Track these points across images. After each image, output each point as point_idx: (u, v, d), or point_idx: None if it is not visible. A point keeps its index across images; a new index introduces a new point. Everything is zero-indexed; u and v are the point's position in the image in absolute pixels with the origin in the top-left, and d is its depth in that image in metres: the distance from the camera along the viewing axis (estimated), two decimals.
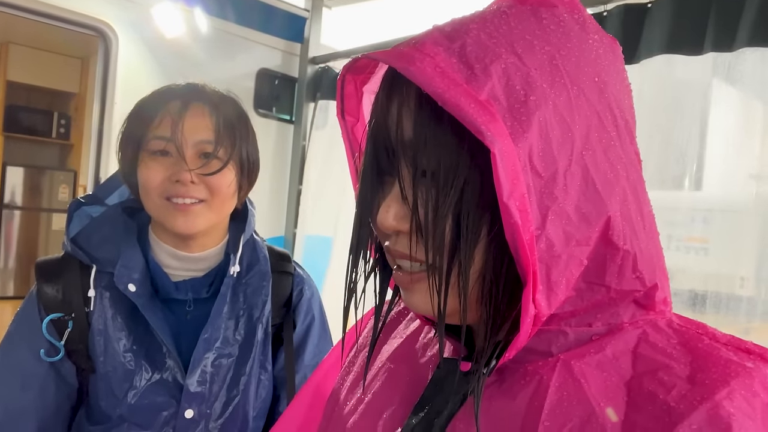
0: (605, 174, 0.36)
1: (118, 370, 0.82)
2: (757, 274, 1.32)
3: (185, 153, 0.80)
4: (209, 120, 0.83)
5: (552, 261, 0.35)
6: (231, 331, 0.87)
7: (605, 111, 0.37)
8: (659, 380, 0.34)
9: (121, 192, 0.92)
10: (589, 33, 0.38)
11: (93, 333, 0.83)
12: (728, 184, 1.40)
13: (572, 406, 0.35)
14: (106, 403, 0.82)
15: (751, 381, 0.32)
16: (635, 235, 0.37)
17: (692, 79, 1.39)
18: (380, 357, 0.51)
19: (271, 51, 2.49)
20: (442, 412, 0.41)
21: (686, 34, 1.35)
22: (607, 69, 0.38)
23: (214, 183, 0.82)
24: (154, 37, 2.13)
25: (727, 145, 1.38)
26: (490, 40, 0.36)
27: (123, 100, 2.10)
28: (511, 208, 0.32)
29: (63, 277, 0.84)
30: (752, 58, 1.27)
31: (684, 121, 1.40)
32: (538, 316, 0.35)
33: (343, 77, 0.43)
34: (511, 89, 0.34)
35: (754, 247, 1.33)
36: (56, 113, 4.40)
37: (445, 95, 0.32)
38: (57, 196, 4.40)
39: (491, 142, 0.31)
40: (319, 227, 2.44)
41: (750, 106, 1.36)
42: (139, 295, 0.82)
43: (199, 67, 2.20)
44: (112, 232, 0.86)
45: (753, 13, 1.25)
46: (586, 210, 0.35)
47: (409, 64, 0.34)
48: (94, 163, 2.15)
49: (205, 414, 0.84)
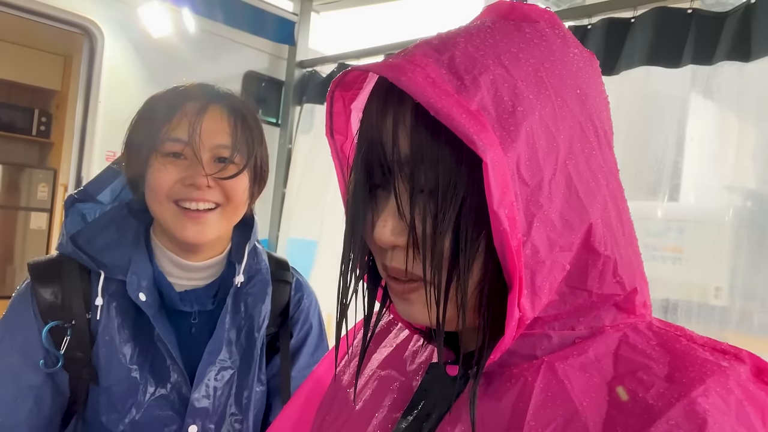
0: (587, 182, 0.37)
1: (122, 383, 0.78)
2: (730, 285, 1.35)
3: (202, 157, 0.77)
4: (227, 124, 0.80)
5: (537, 266, 0.36)
6: (233, 342, 0.84)
7: (587, 122, 0.38)
8: (639, 380, 0.35)
9: (113, 188, 0.87)
10: (570, 47, 0.40)
11: (98, 344, 0.78)
12: (704, 195, 1.43)
13: (556, 406, 0.36)
14: (107, 417, 0.77)
15: (726, 379, 0.33)
16: (615, 241, 0.38)
17: (670, 90, 1.43)
18: (370, 365, 0.52)
19: (258, 54, 2.49)
20: (431, 416, 0.42)
21: (667, 47, 1.40)
22: (588, 82, 0.39)
23: (230, 188, 0.79)
24: (140, 36, 2.12)
25: (703, 157, 1.42)
26: (477, 52, 0.37)
27: (107, 99, 2.08)
28: (501, 215, 0.33)
29: (61, 281, 0.79)
30: (729, 71, 1.31)
31: (662, 133, 1.43)
32: (522, 320, 0.36)
33: (332, 93, 0.44)
34: (499, 100, 0.35)
35: (728, 257, 1.36)
36: (37, 111, 4.33)
37: (437, 105, 0.33)
38: (36, 195, 4.33)
39: (483, 152, 0.32)
40: (303, 230, 2.44)
41: (726, 118, 1.40)
42: (149, 305, 0.79)
43: (185, 68, 2.19)
44: (120, 236, 0.82)
45: (732, 28, 1.30)
46: (569, 217, 0.36)
47: (401, 75, 0.35)
48: (76, 162, 2.12)
49: (208, 429, 0.81)
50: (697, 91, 1.38)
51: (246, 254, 0.87)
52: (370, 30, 2.52)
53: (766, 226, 1.30)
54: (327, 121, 0.45)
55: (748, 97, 1.31)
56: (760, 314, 1.30)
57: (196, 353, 0.82)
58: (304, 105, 2.50)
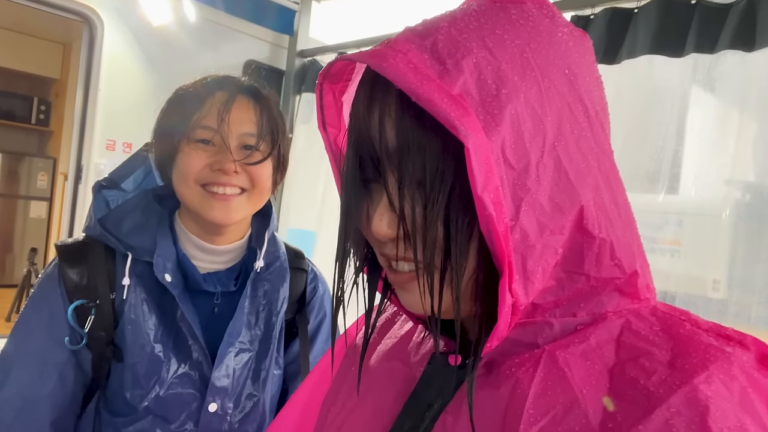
0: (577, 164, 0.37)
1: (146, 360, 0.81)
2: (729, 278, 1.36)
3: (230, 143, 0.81)
4: (253, 113, 0.84)
5: (527, 251, 0.35)
6: (251, 326, 0.87)
7: (576, 102, 0.37)
8: (641, 366, 0.34)
9: (136, 177, 0.91)
10: (559, 26, 0.39)
11: (123, 322, 0.81)
12: (703, 187, 1.43)
13: (556, 395, 0.36)
14: (131, 394, 0.80)
15: (730, 365, 0.33)
16: (610, 223, 0.38)
17: (672, 80, 1.42)
18: (375, 357, 0.52)
19: (259, 43, 2.48)
20: (433, 406, 0.42)
21: (670, 37, 1.39)
22: (577, 61, 0.38)
23: (256, 173, 0.83)
24: (140, 24, 2.10)
25: (702, 148, 1.41)
26: (460, 35, 0.36)
27: (107, 87, 2.06)
28: (486, 200, 0.32)
29: (88, 262, 0.83)
30: (732, 60, 1.30)
31: (662, 123, 1.43)
32: (516, 306, 0.35)
33: (320, 86, 0.43)
34: (482, 83, 0.35)
35: (726, 250, 1.36)
36: (36, 99, 4.32)
37: (418, 90, 0.33)
38: (35, 184, 4.33)
39: (465, 137, 0.32)
40: (302, 221, 2.44)
41: (727, 109, 1.40)
42: (174, 286, 0.82)
43: (186, 57, 2.18)
44: (146, 220, 0.86)
45: (736, 17, 1.29)
46: (559, 200, 0.36)
47: (382, 61, 0.34)
48: (76, 151, 2.12)
49: (227, 408, 0.84)
50: (699, 80, 1.37)
51: (266, 241, 0.91)
52: (371, 19, 2.51)
53: (764, 219, 1.30)
54: (318, 113, 0.45)
55: (750, 87, 1.30)
56: (758, 307, 1.31)
57: (218, 333, 0.85)
58: (304, 94, 2.50)
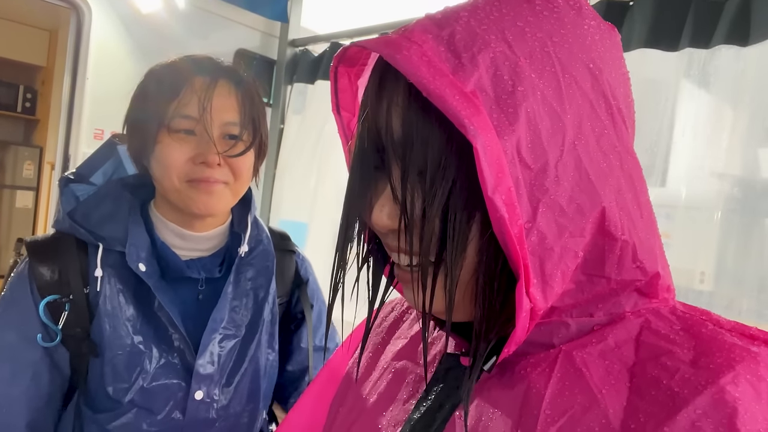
0: (599, 164, 0.35)
1: (127, 352, 0.79)
2: (716, 270, 1.37)
3: (213, 134, 0.78)
4: (235, 100, 0.81)
5: (545, 254, 0.34)
6: (237, 311, 0.86)
7: (599, 99, 0.36)
8: (662, 365, 0.33)
9: (105, 170, 0.89)
10: (585, 18, 0.37)
11: (100, 315, 0.79)
12: (693, 180, 1.44)
13: (574, 395, 0.35)
14: (114, 388, 0.78)
15: (756, 366, 0.32)
16: (633, 224, 0.37)
17: (665, 74, 1.42)
18: (384, 357, 0.51)
19: (249, 31, 2.45)
20: (444, 406, 0.41)
21: (665, 30, 1.38)
22: (603, 56, 0.37)
23: (238, 165, 0.81)
24: (129, 11, 2.07)
25: (695, 142, 1.42)
26: (480, 26, 0.35)
27: (95, 75, 2.03)
28: (497, 202, 0.32)
29: (59, 257, 0.80)
30: (727, 55, 1.30)
31: (655, 117, 1.43)
32: (535, 310, 0.34)
33: (335, 69, 0.42)
34: (498, 79, 0.34)
35: (714, 243, 1.37)
36: (22, 87, 4.25)
37: (430, 86, 0.32)
38: (21, 173, 4.26)
39: (474, 136, 0.31)
40: (294, 212, 2.42)
41: (719, 103, 1.40)
42: (149, 275, 0.80)
43: (175, 45, 2.15)
44: (116, 210, 0.83)
45: (732, 12, 1.29)
46: (579, 201, 0.35)
47: (396, 52, 0.33)
48: (63, 140, 2.09)
49: (213, 395, 0.83)
50: (693, 74, 1.38)
51: (249, 224, 0.89)
52: (363, 8, 2.48)
53: (752, 212, 1.32)
54: (332, 97, 0.43)
55: (743, 81, 1.30)
56: (744, 299, 1.32)
57: (204, 321, 0.83)
58: (295, 84, 2.47)
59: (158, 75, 0.82)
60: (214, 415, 0.83)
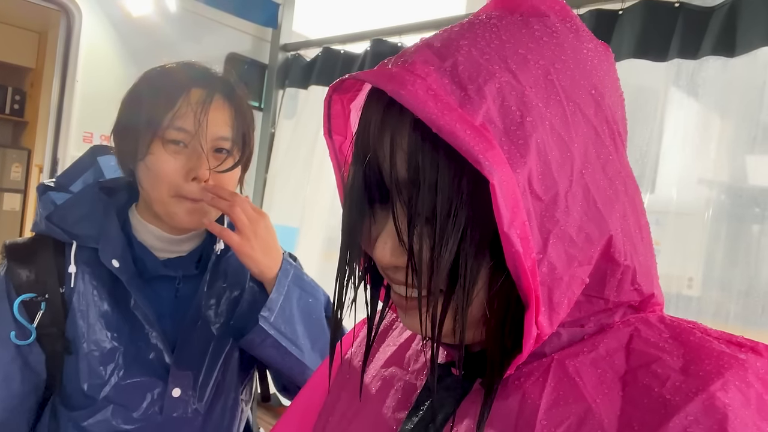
0: (605, 191, 0.35)
1: (102, 349, 0.79)
2: (704, 276, 1.38)
3: (205, 147, 0.79)
4: (227, 115, 0.82)
5: (554, 283, 0.34)
6: (212, 308, 0.86)
7: (602, 124, 0.36)
8: (653, 373, 0.34)
9: (85, 179, 0.89)
10: (584, 42, 0.37)
11: (73, 312, 0.80)
12: (681, 187, 1.45)
13: (569, 404, 0.35)
14: (89, 384, 0.79)
15: (745, 372, 0.32)
16: (635, 248, 0.37)
17: (653, 84, 1.44)
18: (374, 365, 0.51)
19: (241, 35, 2.44)
20: (437, 416, 0.41)
21: (654, 40, 1.40)
22: (603, 80, 0.37)
23: (225, 181, 0.82)
24: (119, 14, 2.06)
25: (683, 150, 1.44)
26: (482, 57, 0.34)
27: (85, 78, 2.02)
28: (512, 237, 0.31)
29: (37, 258, 0.81)
30: (714, 66, 1.32)
31: (645, 126, 1.44)
32: (540, 336, 0.35)
33: (329, 98, 0.42)
34: (506, 110, 0.33)
35: (702, 249, 1.39)
36: (10, 89, 4.21)
37: (439, 121, 0.31)
38: (9, 176, 4.22)
39: (489, 172, 0.30)
40: (285, 217, 2.42)
41: (707, 112, 1.42)
42: (122, 271, 0.80)
43: (166, 48, 2.14)
44: (91, 210, 0.83)
45: (719, 22, 1.31)
46: (588, 230, 0.35)
47: (400, 88, 0.32)
48: (52, 143, 2.07)
49: (191, 392, 0.83)
50: (681, 84, 1.39)
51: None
52: (355, 13, 2.49)
53: (740, 219, 1.33)
54: (324, 122, 0.43)
55: (730, 92, 1.32)
56: (732, 304, 1.34)
57: (181, 318, 0.84)
58: (287, 89, 2.47)
59: (154, 81, 0.82)
60: (192, 413, 0.83)
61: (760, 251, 1.30)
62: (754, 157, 1.33)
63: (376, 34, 2.13)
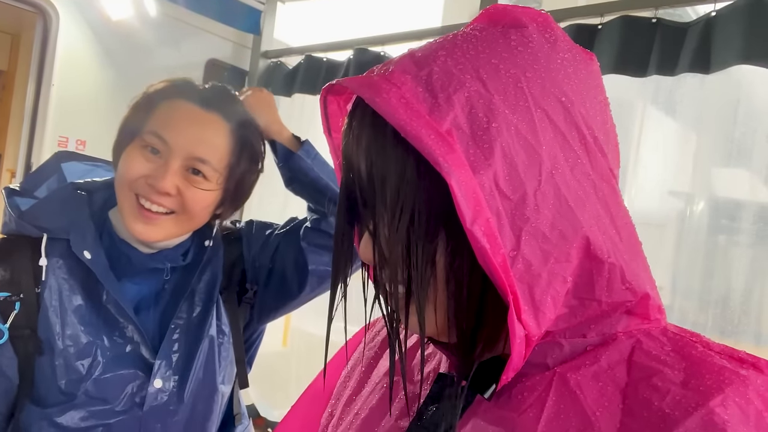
0: (575, 191, 0.37)
1: (77, 344, 0.78)
2: (672, 284, 1.42)
3: (173, 164, 0.78)
4: (221, 141, 0.81)
5: (533, 280, 0.35)
6: (188, 301, 0.87)
7: (571, 130, 0.38)
8: (654, 386, 0.34)
9: (49, 185, 0.88)
10: (559, 52, 0.39)
11: (46, 308, 0.79)
12: (650, 198, 1.49)
13: (569, 418, 0.35)
14: (67, 381, 0.78)
15: (745, 389, 0.32)
16: (615, 247, 0.38)
17: (632, 99, 1.47)
18: (376, 373, 0.51)
19: (222, 42, 2.43)
20: (439, 426, 0.41)
21: (633, 56, 1.43)
22: (576, 88, 0.38)
23: (189, 198, 0.80)
24: (98, 17, 2.03)
25: (655, 162, 1.47)
26: (456, 66, 0.37)
27: (61, 82, 1.98)
28: (477, 233, 0.33)
29: (10, 258, 0.80)
30: (692, 83, 1.36)
31: (624, 141, 1.48)
32: (530, 337, 0.35)
33: (324, 98, 0.44)
34: (473, 117, 0.35)
35: (670, 258, 1.42)
36: None
37: (407, 127, 0.34)
38: None
39: (448, 173, 0.33)
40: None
41: (684, 128, 1.46)
42: (95, 263, 0.79)
43: (145, 53, 2.11)
44: (62, 207, 0.83)
45: (694, 39, 1.34)
46: (561, 227, 0.36)
47: (376, 95, 0.35)
48: (26, 147, 2.02)
49: (172, 383, 0.83)
50: (659, 101, 1.43)
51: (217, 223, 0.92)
52: (336, 22, 2.49)
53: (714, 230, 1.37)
54: (323, 120, 0.45)
55: (706, 108, 1.36)
56: (698, 312, 1.37)
57: (164, 310, 0.85)
58: None
59: (156, 93, 0.84)
60: (173, 405, 0.83)
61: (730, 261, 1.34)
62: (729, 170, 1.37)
63: (358, 43, 2.14)
